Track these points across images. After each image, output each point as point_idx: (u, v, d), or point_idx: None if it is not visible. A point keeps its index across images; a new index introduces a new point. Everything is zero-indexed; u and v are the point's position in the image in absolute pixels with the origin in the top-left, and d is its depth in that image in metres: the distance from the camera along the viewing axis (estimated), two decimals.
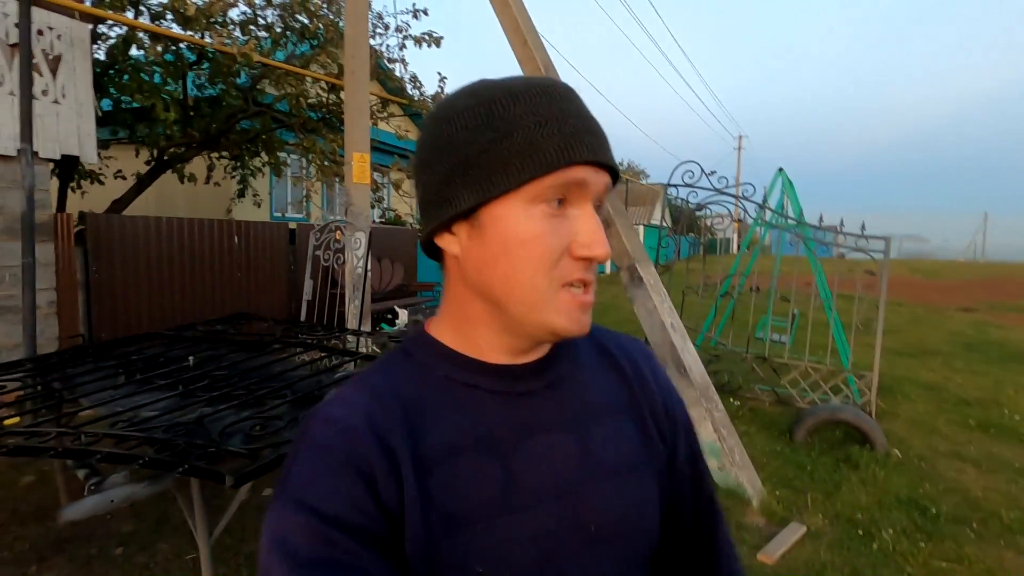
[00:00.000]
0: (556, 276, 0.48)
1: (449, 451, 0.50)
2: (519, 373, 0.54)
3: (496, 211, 0.48)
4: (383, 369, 0.55)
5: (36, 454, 1.79)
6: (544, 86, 0.50)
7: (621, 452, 0.56)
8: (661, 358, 3.47)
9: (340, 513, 0.44)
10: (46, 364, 2.66)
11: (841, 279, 4.62)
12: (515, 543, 0.49)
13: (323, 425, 0.48)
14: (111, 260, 4.86)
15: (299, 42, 6.55)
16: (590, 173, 0.48)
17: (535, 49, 3.92)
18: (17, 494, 3.09)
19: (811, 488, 3.38)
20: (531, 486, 0.51)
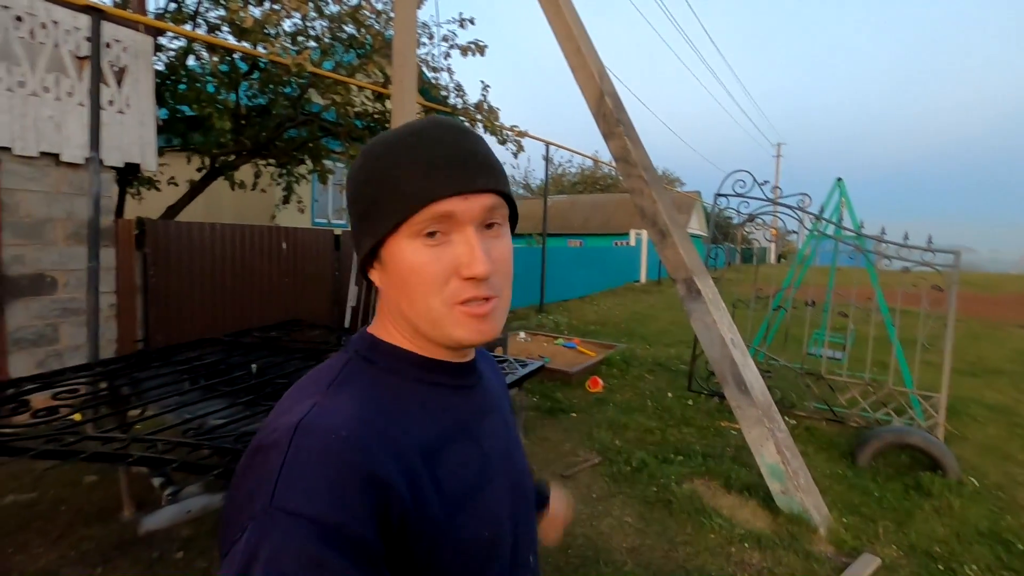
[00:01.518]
0: (448, 297, 0.55)
1: (441, 441, 0.57)
2: (463, 370, 0.64)
3: (390, 249, 0.56)
4: (350, 377, 0.57)
5: (114, 461, 1.81)
6: (415, 131, 0.57)
7: (513, 427, 0.73)
8: (720, 374, 3.35)
9: (344, 525, 0.43)
10: (114, 368, 2.72)
11: (905, 293, 4.40)
12: (498, 503, 0.60)
13: (318, 435, 0.47)
14: (167, 265, 4.99)
15: (346, 52, 6.66)
16: (457, 203, 0.54)
17: (588, 56, 3.87)
18: (81, 494, 3.17)
19: (880, 516, 3.19)
20: (493, 458, 0.63)
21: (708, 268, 5.53)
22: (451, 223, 0.55)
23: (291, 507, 0.42)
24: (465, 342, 0.57)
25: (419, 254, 0.54)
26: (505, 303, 0.59)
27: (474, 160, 0.56)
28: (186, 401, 2.33)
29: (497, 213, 0.57)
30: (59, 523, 2.85)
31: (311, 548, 0.41)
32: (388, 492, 0.47)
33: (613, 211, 24.23)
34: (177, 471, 1.72)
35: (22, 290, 4.21)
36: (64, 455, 1.81)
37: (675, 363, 6.89)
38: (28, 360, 4.25)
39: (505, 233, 0.59)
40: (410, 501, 0.49)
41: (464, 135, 0.58)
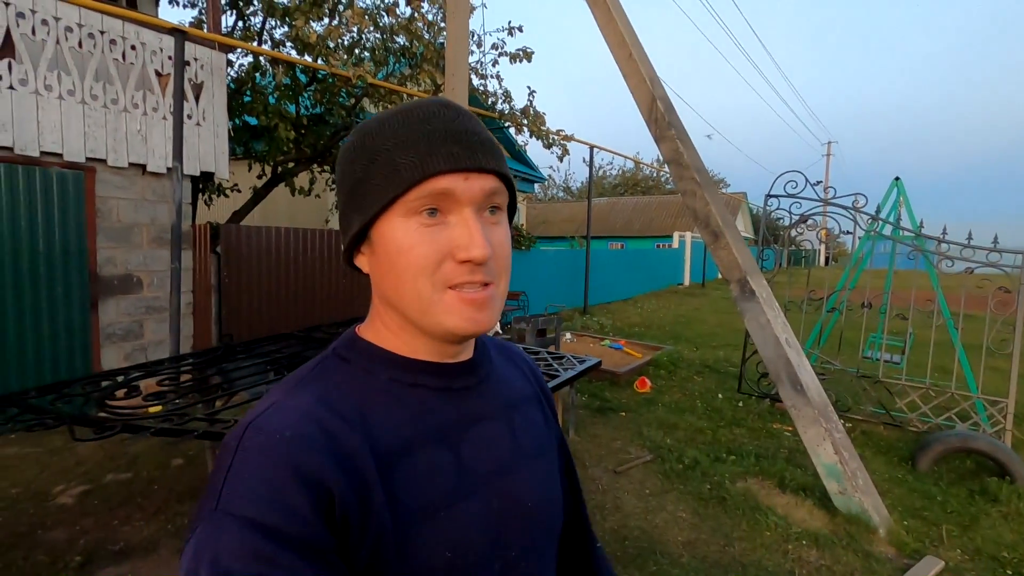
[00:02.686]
0: (439, 280, 0.51)
1: (406, 447, 0.52)
2: (455, 371, 0.58)
3: (381, 229, 0.53)
4: (322, 377, 0.54)
5: (219, 439, 2.02)
6: (411, 108, 0.54)
7: (535, 436, 0.65)
8: (775, 374, 3.37)
9: (282, 525, 0.42)
10: (206, 359, 2.97)
11: (970, 296, 4.27)
12: (472, 524, 0.53)
13: (263, 435, 0.46)
14: (238, 266, 5.33)
15: (396, 62, 6.93)
16: (456, 181, 0.51)
17: (640, 62, 3.95)
18: (170, 475, 3.46)
19: (944, 520, 3.14)
20: (477, 470, 0.56)
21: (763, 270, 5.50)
22: (449, 202, 0.51)
23: (234, 509, 0.42)
24: (457, 331, 0.52)
25: (411, 234, 0.51)
26: (502, 292, 0.55)
27: (476, 138, 0.53)
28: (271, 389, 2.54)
29: (498, 198, 0.54)
30: (155, 500, 3.13)
31: (255, 549, 0.40)
32: (328, 493, 0.44)
33: (655, 213, 24.00)
34: None
35: (113, 289, 4.60)
36: (177, 433, 2.03)
37: (723, 365, 6.84)
38: (117, 353, 4.64)
39: (503, 220, 0.56)
40: (355, 505, 0.46)
41: (462, 112, 0.55)
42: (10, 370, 4.04)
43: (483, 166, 0.52)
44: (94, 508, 3.03)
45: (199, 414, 2.27)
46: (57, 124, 4.14)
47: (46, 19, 4.05)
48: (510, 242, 0.57)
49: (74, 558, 2.56)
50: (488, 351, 0.66)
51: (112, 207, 4.56)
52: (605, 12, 4.07)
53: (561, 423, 2.10)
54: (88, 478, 3.40)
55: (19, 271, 4.06)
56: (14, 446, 3.87)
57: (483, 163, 0.52)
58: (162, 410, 2.33)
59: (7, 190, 3.97)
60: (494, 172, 0.53)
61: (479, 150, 0.53)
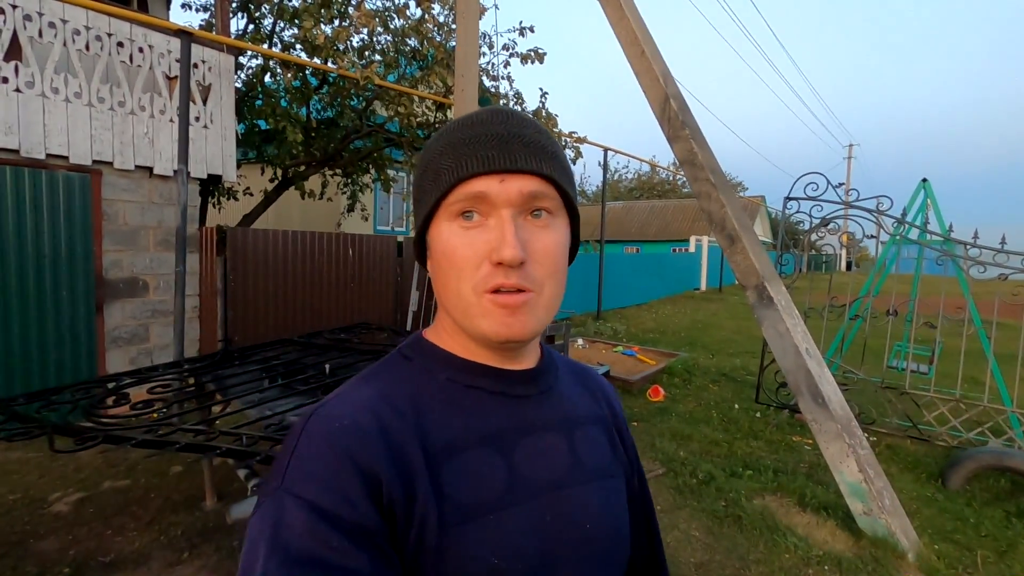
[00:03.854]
0: (479, 284, 0.51)
1: (457, 447, 0.52)
2: (515, 377, 0.58)
3: (431, 233, 0.55)
4: (384, 373, 0.57)
5: (204, 452, 1.92)
6: (467, 116, 0.56)
7: (599, 458, 0.62)
8: (794, 384, 3.19)
9: (336, 509, 0.44)
10: (200, 366, 2.89)
11: (1003, 303, 4.04)
12: (521, 535, 0.52)
13: (326, 422, 0.49)
14: (244, 270, 5.28)
15: (408, 64, 6.87)
16: (491, 183, 0.51)
17: (652, 59, 3.81)
18: (169, 483, 3.39)
19: (978, 544, 2.93)
20: (530, 481, 0.55)
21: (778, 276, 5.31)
22: (487, 205, 0.51)
23: (295, 490, 0.45)
24: (491, 336, 0.52)
25: (453, 237, 0.52)
26: (546, 301, 0.53)
27: (517, 141, 0.53)
28: (266, 398, 2.45)
29: (544, 201, 0.53)
30: (150, 509, 3.06)
31: (311, 529, 0.43)
32: (377, 481, 0.46)
33: (671, 217, 23.71)
34: (262, 463, 1.81)
35: (119, 292, 4.58)
36: (159, 445, 1.94)
37: (740, 374, 6.62)
38: (122, 357, 4.61)
39: (554, 225, 0.54)
40: (401, 495, 0.47)
41: (512, 118, 0.55)
42: (15, 374, 4.02)
43: (519, 167, 0.52)
44: (88, 517, 2.97)
45: (190, 423, 2.19)
46: (64, 127, 4.13)
47: (53, 22, 4.05)
48: (562, 248, 0.55)
49: (62, 570, 2.48)
50: (556, 366, 0.65)
51: (118, 210, 4.54)
52: (617, 9, 3.94)
53: None
54: (86, 485, 3.34)
55: (24, 274, 4.05)
56: (17, 450, 3.84)
57: (520, 164, 0.52)
58: (156, 418, 2.25)
59: (13, 193, 3.96)
60: (535, 174, 0.52)
61: (519, 152, 0.52)
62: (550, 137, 0.57)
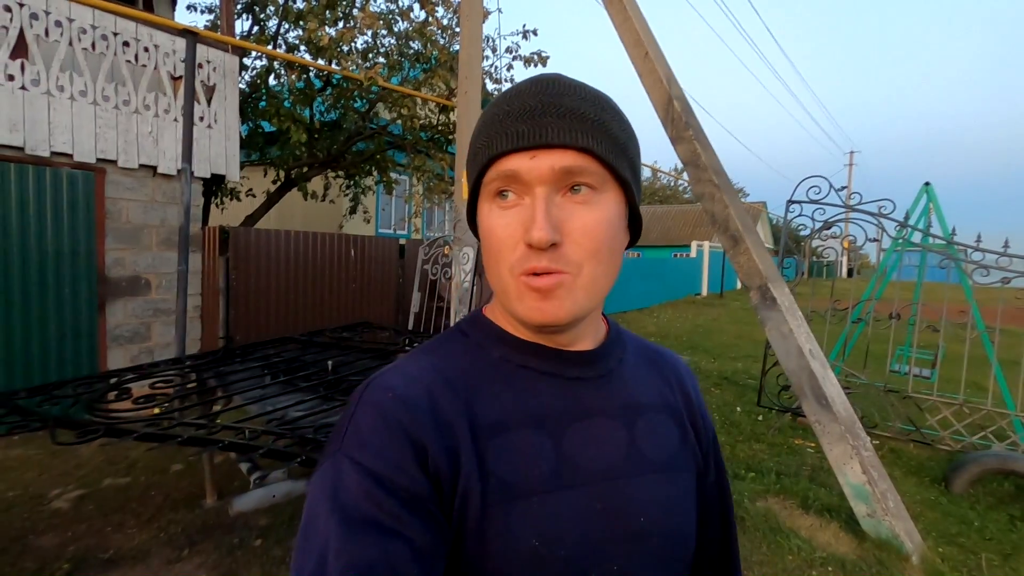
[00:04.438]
0: (514, 265, 0.49)
1: (504, 425, 0.51)
2: (570, 359, 0.56)
3: (478, 212, 0.54)
4: (441, 347, 0.57)
5: (207, 445, 1.92)
6: (509, 89, 0.53)
7: (663, 449, 0.58)
8: (798, 386, 3.18)
9: (389, 475, 0.45)
10: (202, 362, 2.89)
11: (1007, 308, 4.03)
12: (566, 520, 0.50)
13: (380, 392, 0.50)
14: (246, 269, 5.29)
15: (411, 67, 6.90)
16: (522, 161, 0.48)
17: (656, 61, 3.82)
18: (169, 480, 3.38)
19: (982, 548, 2.91)
20: (580, 467, 0.52)
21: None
22: (520, 184, 0.49)
23: (352, 454, 0.46)
24: (525, 319, 0.51)
25: (491, 218, 0.51)
26: (586, 282, 0.50)
27: (552, 111, 0.49)
28: (267, 394, 2.44)
29: (583, 176, 0.49)
30: (150, 506, 3.04)
31: (367, 491, 0.44)
32: (425, 452, 0.47)
33: (672, 222, 23.72)
34: (264, 457, 1.80)
35: (121, 291, 4.58)
36: (162, 438, 1.93)
37: (742, 377, 6.61)
38: (123, 355, 4.60)
39: (597, 201, 0.50)
40: (446, 465, 0.48)
41: (552, 86, 0.51)
42: (16, 370, 4.02)
43: (549, 142, 0.48)
44: (88, 513, 2.96)
45: (190, 418, 2.18)
46: (68, 125, 4.14)
47: (60, 20, 4.07)
48: (606, 225, 0.50)
49: (62, 566, 2.47)
50: (624, 348, 0.63)
51: (122, 208, 4.55)
52: (621, 11, 3.95)
53: None
54: (86, 482, 3.33)
55: (27, 271, 4.05)
56: (18, 447, 3.83)
57: (550, 139, 0.48)
58: (158, 412, 2.25)
59: (17, 190, 3.97)
60: (569, 147, 0.48)
61: (552, 124, 0.48)
62: (598, 101, 0.52)
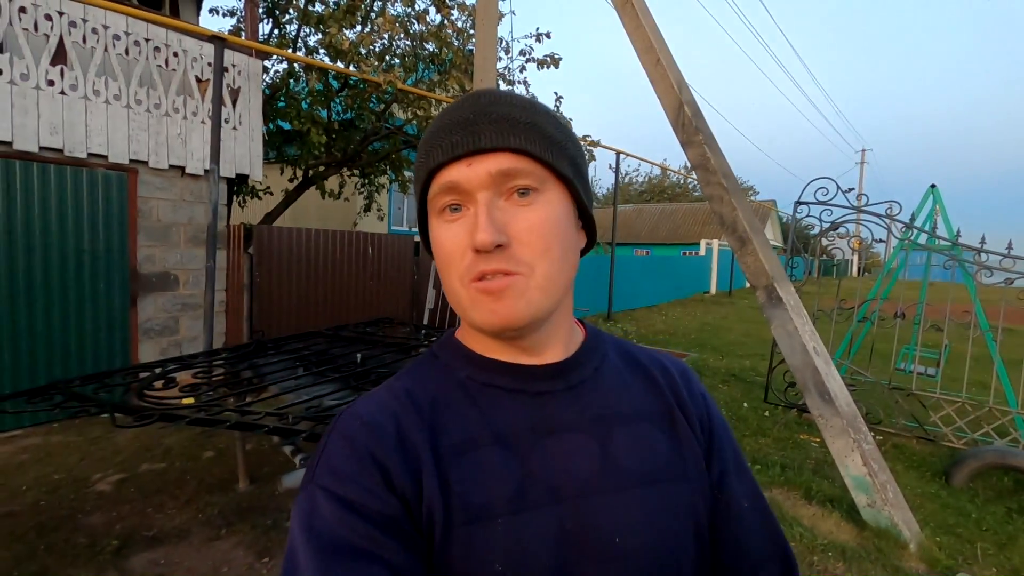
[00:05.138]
0: (464, 274, 0.49)
1: (468, 445, 0.50)
2: (537, 373, 0.54)
3: (429, 232, 0.54)
4: (415, 370, 0.57)
5: (251, 430, 2.09)
6: (443, 110, 0.54)
7: (647, 461, 0.54)
8: (802, 382, 3.31)
9: (361, 500, 0.46)
10: (238, 354, 3.07)
11: (1010, 308, 4.13)
12: (533, 543, 0.48)
13: (349, 420, 0.51)
14: (270, 266, 5.48)
15: (426, 68, 7.05)
16: (460, 170, 0.48)
17: (668, 67, 3.95)
18: (202, 466, 3.57)
19: (979, 538, 3.04)
20: (549, 485, 0.50)
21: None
22: (462, 194, 0.49)
23: (324, 483, 0.47)
24: (483, 326, 0.50)
25: (438, 231, 0.51)
26: (540, 281, 0.49)
27: (483, 120, 0.49)
28: (301, 384, 2.61)
29: (521, 176, 0.49)
30: (187, 490, 3.24)
31: (339, 517, 0.45)
32: (390, 474, 0.48)
33: (682, 220, 23.75)
34: (307, 440, 1.97)
35: (151, 286, 4.78)
36: (212, 423, 2.11)
37: (750, 375, 6.73)
38: (153, 348, 4.81)
39: (540, 200, 0.50)
40: (411, 489, 0.48)
41: (484, 97, 0.52)
42: (55, 361, 4.23)
43: (483, 146, 0.48)
44: (130, 495, 3.16)
45: (231, 406, 2.35)
46: (103, 127, 4.34)
47: (96, 28, 4.26)
48: (553, 223, 0.50)
49: (111, 542, 2.66)
50: (604, 356, 0.60)
51: (152, 207, 4.75)
52: (633, 18, 4.08)
53: None
54: (125, 467, 3.53)
55: (65, 267, 4.26)
56: (58, 434, 4.04)
57: (484, 143, 0.48)
58: (195, 402, 2.42)
59: (56, 190, 4.17)
60: (504, 149, 0.48)
61: (485, 131, 0.49)
62: (532, 108, 0.52)
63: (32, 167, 4.04)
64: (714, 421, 0.62)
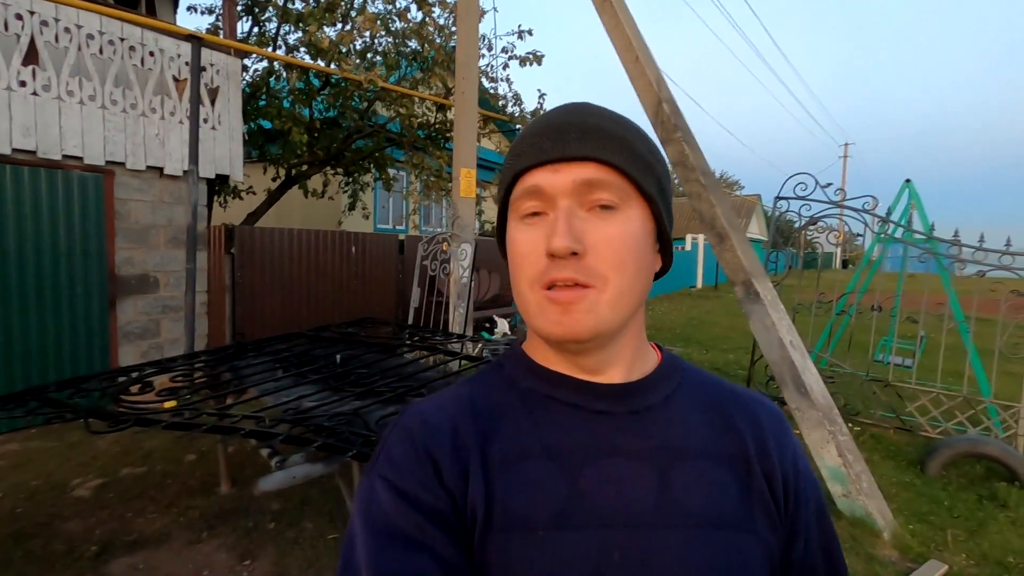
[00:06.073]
0: (534, 278, 0.50)
1: (518, 455, 0.51)
2: (599, 391, 0.54)
3: (506, 233, 0.55)
4: (479, 378, 0.59)
5: (228, 433, 2.09)
6: (539, 117, 0.55)
7: (710, 502, 0.51)
8: (779, 376, 3.36)
9: (415, 492, 0.48)
10: (218, 357, 3.06)
11: (982, 300, 4.22)
12: (575, 563, 0.47)
13: (411, 417, 0.54)
14: (252, 266, 5.44)
15: (409, 66, 7.02)
16: (544, 175, 0.49)
17: (646, 64, 3.97)
18: (184, 470, 3.55)
19: (950, 525, 3.12)
20: (597, 508, 0.49)
21: (768, 273, 5.48)
22: (544, 199, 0.50)
23: (383, 473, 0.50)
24: (547, 334, 0.51)
25: (515, 232, 0.52)
26: (611, 297, 0.49)
27: (575, 128, 0.50)
28: (281, 386, 2.61)
29: (605, 188, 0.49)
30: (168, 494, 3.22)
31: (394, 505, 0.48)
32: (442, 470, 0.50)
33: None
34: (284, 443, 1.97)
35: (130, 289, 4.73)
36: (188, 427, 2.10)
37: (733, 368, 6.81)
38: (134, 351, 4.76)
39: (620, 215, 0.50)
40: (459, 487, 0.50)
41: (578, 108, 0.53)
42: (32, 366, 4.18)
43: (571, 154, 0.49)
44: (109, 500, 3.13)
45: (210, 409, 2.34)
46: (78, 128, 4.28)
47: (69, 27, 4.19)
48: (632, 239, 0.50)
49: (90, 548, 2.64)
50: (679, 385, 0.57)
51: (130, 209, 4.69)
52: (612, 16, 4.10)
53: None
54: (104, 472, 3.50)
55: (41, 271, 4.20)
56: (36, 440, 4.00)
57: (572, 152, 0.49)
58: (176, 405, 2.41)
59: (30, 193, 4.11)
60: (590, 159, 0.49)
61: (574, 139, 0.49)
62: (624, 124, 0.53)
63: (5, 169, 3.98)
64: (798, 483, 0.56)
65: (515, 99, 7.40)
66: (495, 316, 7.32)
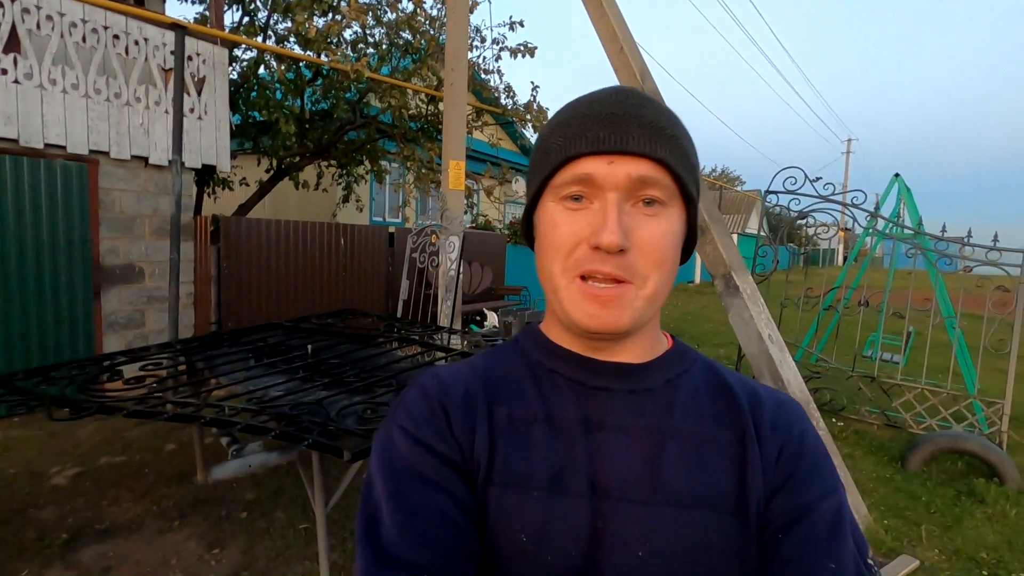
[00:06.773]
0: (570, 265, 0.51)
1: (520, 421, 0.54)
2: (600, 368, 0.55)
3: (538, 212, 0.55)
4: (495, 352, 0.63)
5: (189, 421, 2.08)
6: (587, 95, 0.54)
7: (696, 484, 0.51)
8: (757, 370, 3.35)
9: (430, 441, 0.52)
10: (191, 346, 3.05)
11: (967, 295, 4.19)
12: (562, 527, 0.49)
13: (429, 377, 0.58)
14: (238, 257, 5.43)
15: (402, 57, 6.98)
16: (599, 165, 0.49)
17: (631, 56, 3.94)
18: (162, 459, 3.56)
19: (926, 520, 3.11)
20: (590, 478, 0.51)
21: (762, 269, 5.46)
22: (593, 188, 0.50)
23: (400, 423, 0.54)
24: (579, 325, 0.52)
25: (555, 215, 0.52)
26: (649, 294, 0.50)
27: (632, 120, 0.50)
28: (251, 376, 2.60)
29: (654, 188, 0.50)
30: (144, 483, 3.23)
31: (409, 449, 0.52)
32: (451, 424, 0.54)
33: None
34: (242, 432, 1.97)
35: (115, 279, 4.73)
36: (149, 415, 2.10)
37: (723, 362, 6.75)
38: (119, 341, 4.77)
39: (665, 215, 0.51)
40: (466, 443, 0.53)
41: (632, 96, 0.52)
42: (15, 356, 4.18)
43: (630, 149, 0.49)
44: (85, 489, 3.14)
45: (178, 398, 2.34)
46: (61, 117, 4.26)
47: (51, 15, 4.16)
48: (671, 239, 0.51)
49: (60, 536, 2.65)
50: (685, 372, 0.57)
51: (115, 199, 4.68)
52: (597, 7, 4.06)
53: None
54: (83, 460, 3.51)
55: (24, 261, 4.19)
56: (18, 429, 4.01)
57: (631, 146, 0.49)
58: (144, 393, 2.41)
59: (13, 182, 4.10)
60: (648, 156, 0.49)
61: (633, 133, 0.49)
62: (673, 119, 0.53)
63: None
64: (800, 478, 0.52)
65: (507, 91, 7.35)
66: (485, 309, 7.31)
